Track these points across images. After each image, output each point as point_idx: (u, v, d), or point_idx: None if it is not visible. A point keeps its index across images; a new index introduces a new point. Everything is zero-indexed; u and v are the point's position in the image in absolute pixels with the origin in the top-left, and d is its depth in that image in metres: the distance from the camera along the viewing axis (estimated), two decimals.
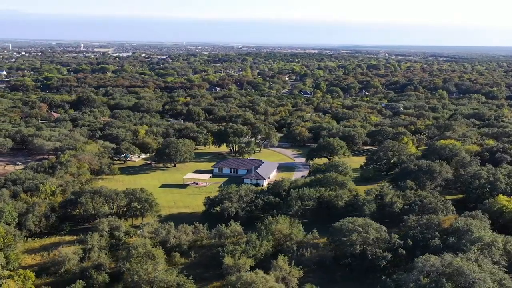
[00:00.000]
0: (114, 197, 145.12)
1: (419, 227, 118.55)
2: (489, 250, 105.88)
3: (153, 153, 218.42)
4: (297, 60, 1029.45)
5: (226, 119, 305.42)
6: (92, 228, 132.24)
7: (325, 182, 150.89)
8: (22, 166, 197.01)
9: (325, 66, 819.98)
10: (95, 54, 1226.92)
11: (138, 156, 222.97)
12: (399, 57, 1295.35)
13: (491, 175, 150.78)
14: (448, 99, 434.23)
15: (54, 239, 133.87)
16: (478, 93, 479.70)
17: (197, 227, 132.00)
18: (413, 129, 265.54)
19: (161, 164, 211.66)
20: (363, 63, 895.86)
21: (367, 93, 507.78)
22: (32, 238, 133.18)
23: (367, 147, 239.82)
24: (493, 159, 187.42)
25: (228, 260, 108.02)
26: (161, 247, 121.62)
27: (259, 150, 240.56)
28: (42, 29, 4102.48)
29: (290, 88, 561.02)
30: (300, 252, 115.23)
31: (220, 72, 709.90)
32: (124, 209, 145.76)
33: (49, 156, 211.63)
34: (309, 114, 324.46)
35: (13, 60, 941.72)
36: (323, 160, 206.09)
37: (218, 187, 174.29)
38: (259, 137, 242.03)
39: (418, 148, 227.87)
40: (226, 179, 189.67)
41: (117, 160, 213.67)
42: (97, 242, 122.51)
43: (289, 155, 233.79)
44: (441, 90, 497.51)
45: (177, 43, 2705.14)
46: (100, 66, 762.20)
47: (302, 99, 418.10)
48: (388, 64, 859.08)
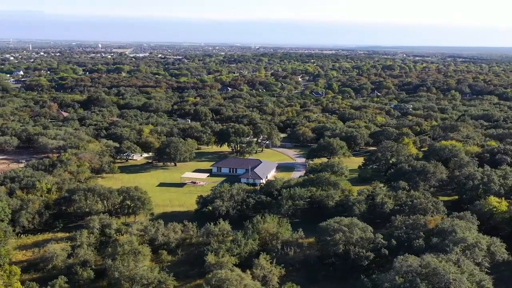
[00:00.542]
0: (107, 195, 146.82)
1: (404, 228, 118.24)
2: (472, 251, 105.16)
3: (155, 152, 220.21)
4: (312, 60, 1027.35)
5: (232, 119, 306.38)
6: (84, 226, 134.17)
7: (317, 182, 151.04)
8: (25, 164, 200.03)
9: (339, 67, 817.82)
10: (112, 54, 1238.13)
11: (141, 155, 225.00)
12: (417, 58, 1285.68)
13: (486, 176, 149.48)
14: (459, 100, 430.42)
15: (47, 235, 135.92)
16: (492, 94, 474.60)
17: (187, 225, 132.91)
18: (418, 130, 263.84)
19: (162, 163, 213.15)
20: (378, 64, 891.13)
21: (379, 94, 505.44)
22: (26, 234, 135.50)
23: (370, 148, 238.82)
24: (493, 160, 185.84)
25: (211, 258, 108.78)
26: (149, 245, 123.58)
27: (261, 150, 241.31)
28: (63, 30, 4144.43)
29: (302, 88, 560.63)
30: (285, 251, 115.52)
31: (234, 73, 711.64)
32: (117, 207, 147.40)
33: (53, 155, 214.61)
34: (316, 115, 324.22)
35: (31, 60, 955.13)
36: (323, 160, 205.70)
37: (214, 186, 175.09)
38: (261, 137, 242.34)
39: (421, 149, 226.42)
40: (224, 178, 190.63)
41: (119, 159, 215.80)
42: (86, 239, 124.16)
43: (291, 155, 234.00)
44: (454, 91, 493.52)
45: (194, 43, 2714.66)
46: (115, 66, 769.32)
47: (312, 100, 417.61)
48: (403, 65, 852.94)
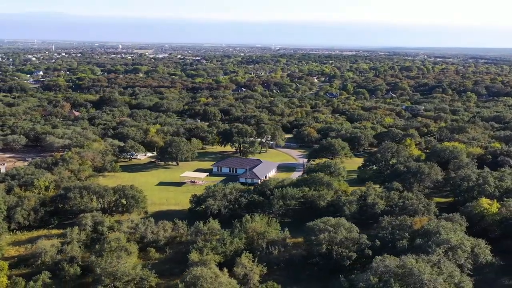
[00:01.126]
0: (102, 193, 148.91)
1: (390, 228, 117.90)
2: (454, 253, 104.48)
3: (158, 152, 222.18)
4: (330, 62, 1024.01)
5: (240, 120, 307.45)
6: (76, 223, 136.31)
7: (311, 182, 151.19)
8: None
9: (356, 68, 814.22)
10: (132, 55, 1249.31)
11: (145, 155, 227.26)
12: (438, 59, 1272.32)
13: (481, 178, 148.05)
14: (473, 102, 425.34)
15: (42, 232, 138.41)
16: (509, 96, 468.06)
17: (177, 224, 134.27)
18: (426, 131, 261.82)
19: (164, 163, 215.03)
20: (397, 65, 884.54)
21: (393, 95, 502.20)
22: (21, 231, 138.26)
23: (374, 149, 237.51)
24: (495, 162, 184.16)
25: (194, 256, 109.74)
26: (139, 243, 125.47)
27: (265, 150, 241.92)
28: (86, 31, 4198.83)
29: (317, 89, 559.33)
30: (269, 250, 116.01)
31: (250, 74, 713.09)
32: (112, 205, 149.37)
33: (58, 153, 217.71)
34: (325, 116, 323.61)
35: (53, 61, 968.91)
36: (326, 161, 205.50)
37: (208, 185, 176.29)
38: (265, 137, 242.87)
39: (426, 150, 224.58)
40: (224, 178, 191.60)
41: (122, 158, 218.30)
42: (77, 236, 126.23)
43: (294, 155, 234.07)
44: (470, 92, 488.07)
45: (216, 44, 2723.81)
46: (133, 67, 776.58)
47: (324, 101, 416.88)
48: (422, 66, 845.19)
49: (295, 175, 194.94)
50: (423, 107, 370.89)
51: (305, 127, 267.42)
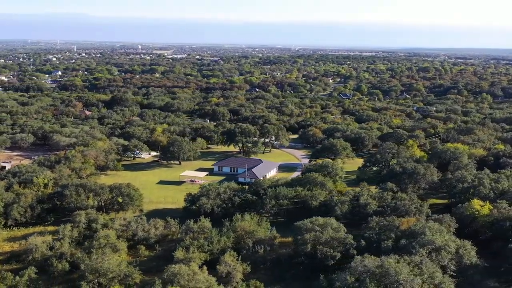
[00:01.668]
0: (98, 191, 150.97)
1: (377, 229, 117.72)
2: (438, 254, 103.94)
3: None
4: (348, 62, 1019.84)
5: (249, 120, 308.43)
6: (71, 220, 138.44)
7: (305, 182, 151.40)
8: None
9: (373, 69, 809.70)
10: (151, 55, 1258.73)
11: (149, 154, 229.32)
12: (458, 60, 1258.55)
13: (477, 180, 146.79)
14: (487, 103, 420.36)
15: (38, 229, 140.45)
16: None
17: (169, 222, 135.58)
18: (433, 132, 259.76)
19: (167, 162, 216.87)
20: (415, 66, 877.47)
21: (408, 96, 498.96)
22: (18, 227, 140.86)
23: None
24: (497, 163, 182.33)
25: (179, 254, 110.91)
26: (130, 240, 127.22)
27: (269, 150, 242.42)
28: (108, 31, 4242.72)
29: (331, 90, 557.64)
30: (255, 249, 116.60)
31: (266, 74, 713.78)
32: (108, 203, 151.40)
33: (63, 152, 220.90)
34: (333, 116, 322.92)
35: (72, 61, 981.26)
36: (328, 161, 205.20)
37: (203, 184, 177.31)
38: (268, 137, 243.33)
39: (430, 151, 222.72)
40: (224, 177, 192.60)
41: (125, 157, 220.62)
42: (69, 233, 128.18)
43: (298, 155, 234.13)
44: (485, 94, 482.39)
45: (236, 45, 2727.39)
46: (150, 67, 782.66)
47: (336, 101, 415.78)
48: (440, 67, 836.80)
49: (296, 175, 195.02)
50: (434, 108, 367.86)
51: (311, 127, 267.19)
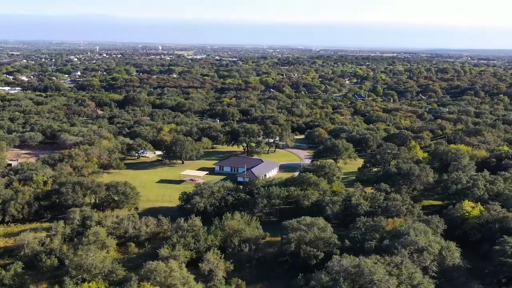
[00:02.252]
0: (95, 189, 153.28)
1: (363, 229, 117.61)
2: (420, 255, 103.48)
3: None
4: (367, 63, 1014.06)
5: (258, 120, 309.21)
6: (66, 217, 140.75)
7: (299, 181, 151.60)
8: None
9: (391, 70, 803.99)
10: (171, 56, 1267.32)
11: (154, 153, 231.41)
12: (481, 61, 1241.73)
13: (472, 181, 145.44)
14: (502, 105, 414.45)
15: (34, 225, 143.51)
16: None
17: (161, 220, 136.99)
18: (440, 133, 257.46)
19: (169, 161, 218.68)
20: (434, 67, 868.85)
21: (423, 97, 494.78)
22: (15, 223, 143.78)
23: None
24: (499, 165, 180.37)
25: (163, 251, 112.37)
26: (121, 237, 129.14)
27: (274, 151, 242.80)
28: (131, 32, 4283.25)
29: (346, 91, 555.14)
30: (240, 248, 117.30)
31: (282, 75, 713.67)
32: (104, 201, 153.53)
33: (70, 150, 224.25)
34: (343, 117, 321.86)
35: (93, 61, 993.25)
36: (330, 162, 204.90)
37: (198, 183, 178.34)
38: (273, 137, 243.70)
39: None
40: (224, 176, 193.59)
41: (130, 156, 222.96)
42: (62, 230, 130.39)
43: (301, 156, 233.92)
44: (502, 95, 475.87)
45: (257, 46, 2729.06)
46: (167, 67, 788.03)
47: (348, 102, 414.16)
48: (460, 69, 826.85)
49: (296, 175, 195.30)
50: (447, 109, 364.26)
51: (317, 128, 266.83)
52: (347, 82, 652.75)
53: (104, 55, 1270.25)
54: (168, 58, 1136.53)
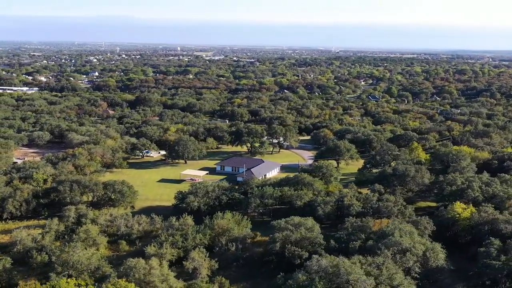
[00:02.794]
0: (92, 187, 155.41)
1: (350, 229, 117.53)
2: (403, 256, 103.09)
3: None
4: (385, 64, 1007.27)
5: (266, 121, 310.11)
6: (61, 215, 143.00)
7: (293, 182, 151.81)
8: None
9: (408, 71, 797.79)
10: (189, 57, 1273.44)
11: (158, 153, 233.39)
12: (502, 63, 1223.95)
13: (467, 182, 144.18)
14: None
15: (32, 222, 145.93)
16: None
17: (154, 218, 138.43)
18: (448, 135, 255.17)
19: (171, 161, 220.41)
20: (452, 68, 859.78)
21: (437, 98, 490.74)
22: (13, 220, 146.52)
23: None
24: (501, 167, 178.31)
25: (150, 249, 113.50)
26: (114, 235, 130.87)
27: (278, 151, 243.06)
28: (151, 33, 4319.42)
29: (360, 92, 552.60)
30: (227, 247, 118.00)
31: (298, 76, 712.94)
32: (100, 199, 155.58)
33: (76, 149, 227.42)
34: (352, 118, 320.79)
35: (112, 62, 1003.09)
36: (332, 163, 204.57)
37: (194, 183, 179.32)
38: (276, 137, 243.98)
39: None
40: (225, 176, 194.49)
41: (134, 155, 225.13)
42: (56, 227, 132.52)
43: (305, 156, 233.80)
44: None
45: (277, 47, 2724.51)
46: (184, 68, 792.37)
47: (359, 103, 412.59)
48: (479, 70, 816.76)
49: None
50: (459, 110, 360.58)
51: (323, 129, 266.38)
52: (362, 83, 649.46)
53: (124, 55, 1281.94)
54: (186, 59, 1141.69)
